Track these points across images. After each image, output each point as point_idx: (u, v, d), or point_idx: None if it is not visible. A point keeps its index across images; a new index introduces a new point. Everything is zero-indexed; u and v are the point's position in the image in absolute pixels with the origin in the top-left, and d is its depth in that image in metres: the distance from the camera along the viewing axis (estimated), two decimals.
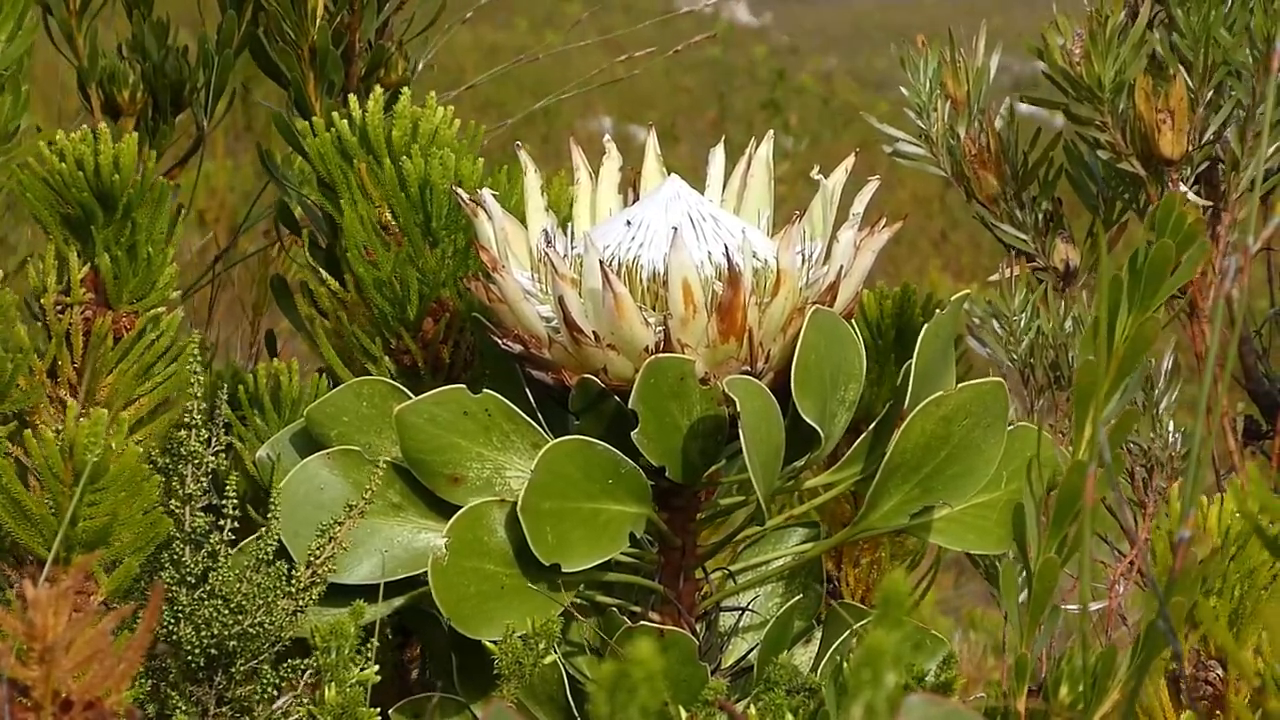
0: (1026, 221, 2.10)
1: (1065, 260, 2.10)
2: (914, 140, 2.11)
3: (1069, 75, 2.01)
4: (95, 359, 1.65)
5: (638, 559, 1.68)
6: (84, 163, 1.63)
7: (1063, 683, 1.49)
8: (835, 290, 1.62)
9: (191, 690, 1.53)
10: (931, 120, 2.08)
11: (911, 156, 2.11)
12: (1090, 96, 2.01)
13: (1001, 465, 1.67)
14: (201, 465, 1.54)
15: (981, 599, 4.85)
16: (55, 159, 1.63)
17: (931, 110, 2.08)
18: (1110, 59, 1.98)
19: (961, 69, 2.08)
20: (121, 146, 1.63)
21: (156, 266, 1.68)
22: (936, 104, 2.08)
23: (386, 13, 2.24)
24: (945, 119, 2.07)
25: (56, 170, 1.63)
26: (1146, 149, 2.03)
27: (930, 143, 2.10)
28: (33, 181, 1.65)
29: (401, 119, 1.77)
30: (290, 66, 2.15)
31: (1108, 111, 2.02)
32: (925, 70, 2.08)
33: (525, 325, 1.61)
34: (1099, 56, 1.98)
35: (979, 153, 2.08)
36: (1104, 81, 1.99)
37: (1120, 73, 1.99)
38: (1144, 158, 2.03)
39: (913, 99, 2.09)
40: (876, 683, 0.91)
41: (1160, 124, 2.01)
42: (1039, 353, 2.05)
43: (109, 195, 1.64)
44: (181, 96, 2.33)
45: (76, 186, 1.64)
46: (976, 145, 2.08)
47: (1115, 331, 1.54)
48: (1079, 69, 2.00)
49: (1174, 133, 2.01)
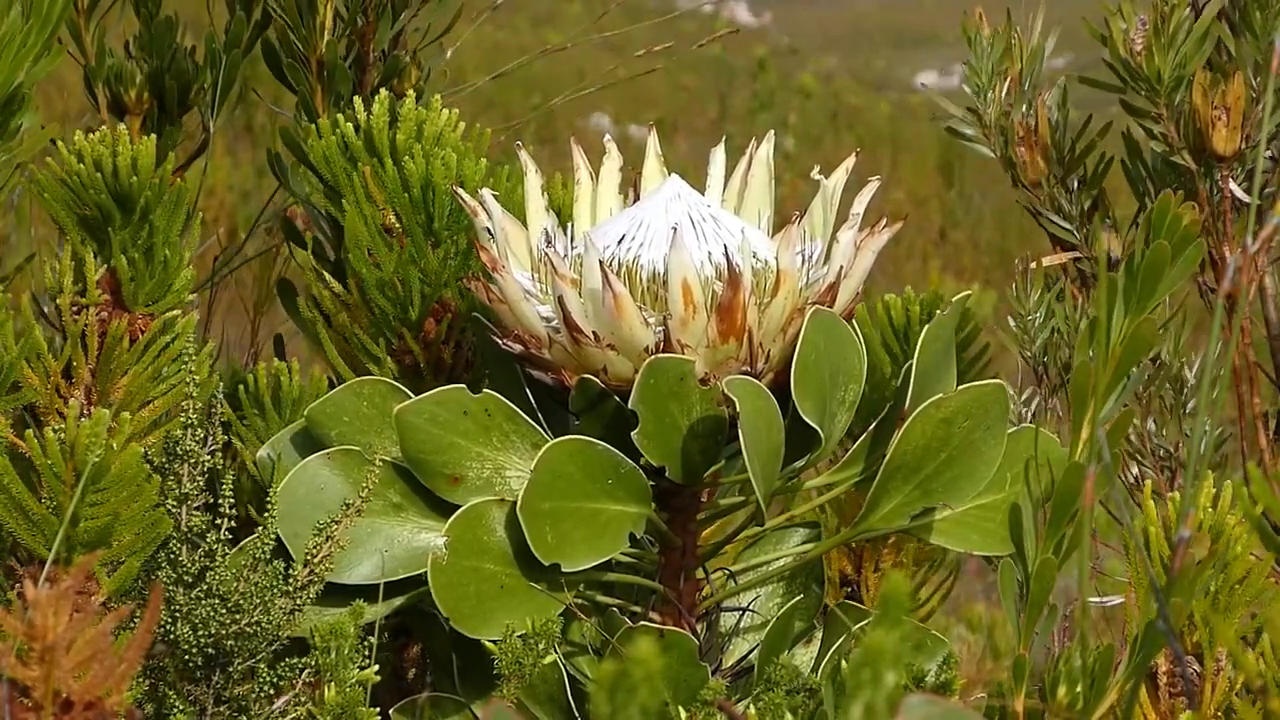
0: (1071, 211, 2.10)
1: (1108, 250, 2.10)
2: (966, 120, 2.10)
3: (1129, 65, 2.01)
4: (110, 361, 1.66)
5: (638, 559, 1.68)
6: (102, 164, 1.63)
7: (1061, 682, 1.49)
8: (835, 290, 1.62)
9: (189, 689, 1.53)
10: (989, 100, 2.08)
11: (967, 137, 2.11)
12: (1148, 88, 2.01)
13: (1005, 466, 1.67)
14: (198, 465, 1.54)
15: (981, 599, 4.85)
16: (74, 160, 1.63)
17: (990, 90, 2.08)
18: (1172, 52, 1.98)
19: (1016, 49, 2.08)
20: (140, 148, 1.63)
21: (173, 269, 1.68)
22: (995, 84, 2.08)
23: (402, 22, 2.24)
24: (1001, 100, 2.07)
25: (75, 171, 1.63)
26: (1199, 144, 2.03)
27: (983, 124, 2.10)
28: (50, 182, 1.65)
29: (406, 121, 1.77)
30: (298, 79, 2.16)
31: (1164, 104, 2.02)
32: (989, 50, 2.07)
33: (525, 325, 1.61)
34: (1160, 50, 1.98)
35: (1027, 134, 2.08)
36: (1163, 74, 1.99)
37: (1180, 67, 1.99)
38: (1196, 152, 2.04)
39: (972, 80, 2.08)
40: (876, 683, 0.92)
41: (1215, 120, 2.01)
42: (1053, 351, 2.06)
43: (127, 197, 1.64)
44: (188, 97, 2.34)
45: (94, 188, 1.64)
46: (1025, 127, 2.08)
47: (1112, 332, 1.54)
48: (1139, 59, 2.00)
49: (1228, 129, 2.01)
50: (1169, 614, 1.36)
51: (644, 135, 1.77)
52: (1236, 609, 1.62)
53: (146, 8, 2.33)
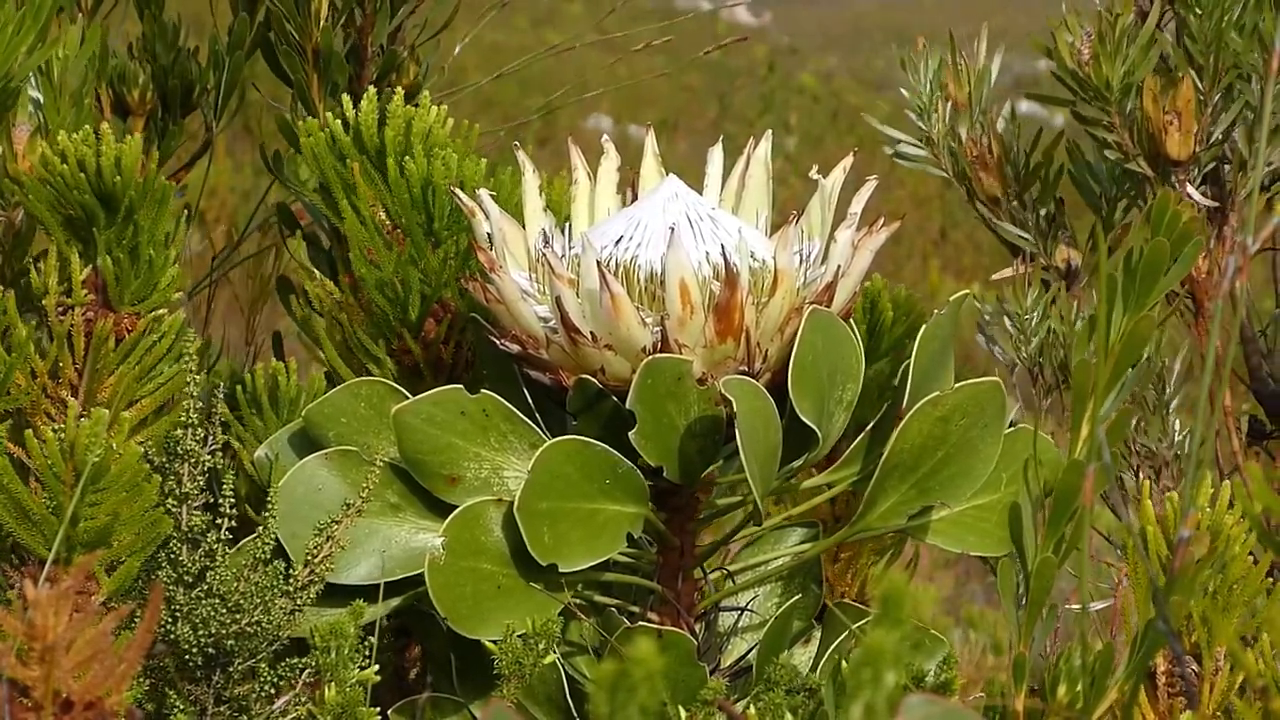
0: (1028, 222, 2.10)
1: (1067, 261, 2.10)
2: (915, 142, 2.11)
3: (1077, 75, 2.01)
4: (97, 360, 1.65)
5: (636, 559, 1.68)
6: (85, 164, 1.63)
7: (1061, 682, 1.49)
8: (833, 290, 1.62)
9: (189, 689, 1.53)
10: (933, 122, 2.08)
11: (913, 158, 2.11)
12: (1098, 97, 2.01)
13: (1002, 467, 1.67)
14: (198, 464, 1.54)
15: (981, 599, 4.85)
16: (57, 160, 1.63)
17: (932, 112, 2.08)
18: (1119, 60, 1.98)
19: (963, 71, 2.08)
20: (123, 147, 1.63)
21: (158, 268, 1.68)
22: (937, 105, 2.08)
23: (400, 17, 2.23)
24: (946, 121, 2.08)
25: (58, 171, 1.63)
26: (1153, 149, 2.03)
27: (931, 144, 2.10)
28: (34, 183, 1.65)
29: (395, 118, 1.77)
30: (294, 68, 2.16)
31: (1115, 112, 2.02)
32: (925, 72, 2.08)
33: (523, 326, 1.61)
34: (1108, 57, 1.98)
35: (980, 154, 2.08)
36: (1112, 82, 2.00)
37: (1129, 74, 2.00)
38: (1151, 158, 2.04)
39: (913, 101, 2.09)
40: (876, 682, 0.92)
41: (1168, 125, 2.01)
42: (1048, 352, 2.06)
43: (111, 196, 1.64)
44: (191, 97, 2.34)
45: (78, 188, 1.63)
46: (978, 147, 2.08)
47: (1111, 330, 1.54)
48: (1087, 69, 2.00)
49: (1181, 134, 2.01)
50: (1168, 614, 1.36)
51: (643, 135, 1.77)
52: (1235, 608, 1.62)
53: (150, 8, 2.33)
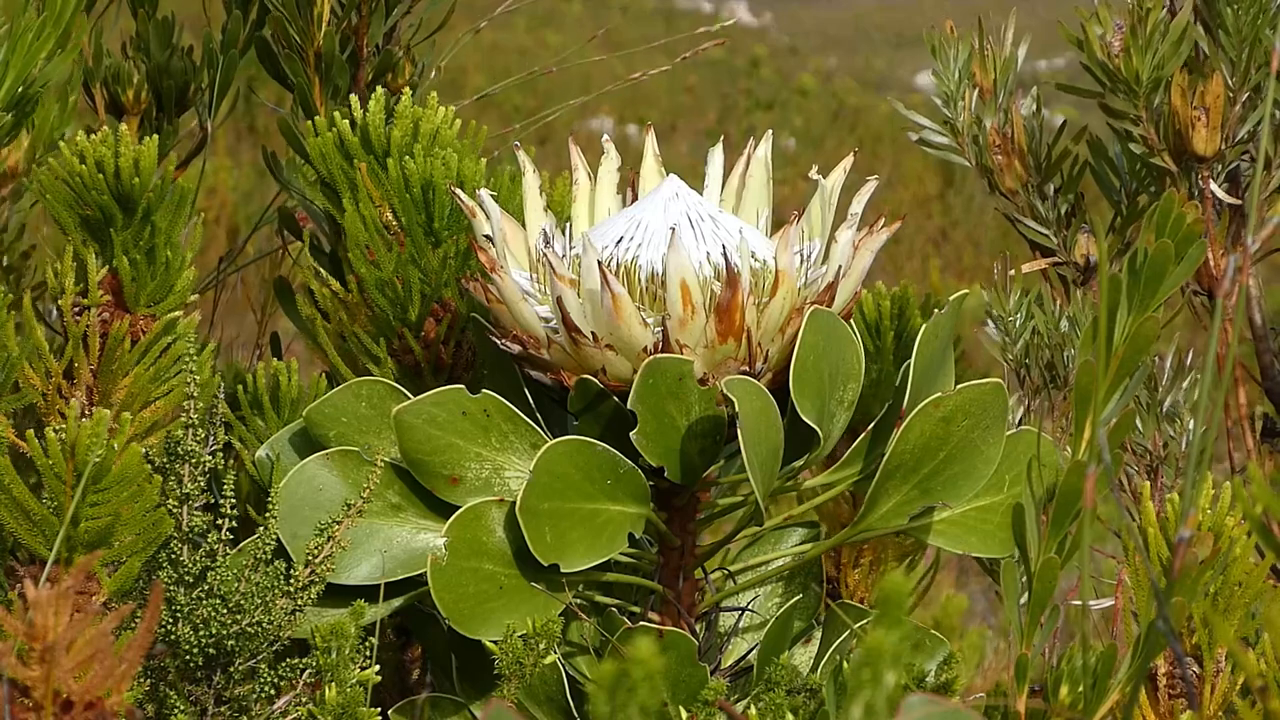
0: (1048, 215, 2.10)
1: (1085, 255, 2.10)
2: (939, 128, 2.11)
3: (1106, 68, 2.01)
4: (111, 361, 1.66)
5: (637, 559, 1.68)
6: (104, 165, 1.63)
7: (1063, 682, 1.49)
8: (833, 290, 1.62)
9: (190, 690, 1.53)
10: (958, 110, 2.08)
11: (937, 146, 2.11)
12: (1127, 90, 2.01)
13: (1003, 469, 1.67)
14: (199, 465, 1.54)
15: (981, 599, 4.85)
16: (75, 160, 1.63)
17: (959, 99, 2.08)
18: (1149, 54, 1.98)
19: (989, 58, 2.08)
20: (142, 149, 1.63)
21: (174, 270, 1.68)
22: (965, 93, 2.08)
23: (395, 17, 2.23)
24: (972, 109, 2.08)
25: (76, 172, 1.63)
26: (1179, 145, 2.03)
27: (955, 133, 2.10)
28: (52, 183, 1.65)
29: (402, 119, 1.77)
30: (295, 71, 2.16)
31: (1143, 106, 2.02)
32: (956, 59, 2.08)
33: (524, 326, 1.61)
34: (1138, 51, 1.98)
35: (1003, 143, 2.08)
36: (1141, 76, 2.00)
37: (1158, 68, 2.00)
38: (1176, 153, 2.04)
39: (941, 88, 2.09)
40: (876, 683, 0.92)
41: (1195, 120, 2.01)
42: (1034, 353, 2.06)
43: (129, 198, 1.64)
44: (185, 96, 2.34)
45: (96, 189, 1.64)
46: (1001, 135, 2.08)
47: (1115, 332, 1.54)
48: (1117, 62, 2.00)
49: (1208, 130, 2.01)
50: (1169, 615, 1.36)
51: (643, 136, 1.77)
52: (1236, 610, 1.62)
53: (144, 7, 2.33)
